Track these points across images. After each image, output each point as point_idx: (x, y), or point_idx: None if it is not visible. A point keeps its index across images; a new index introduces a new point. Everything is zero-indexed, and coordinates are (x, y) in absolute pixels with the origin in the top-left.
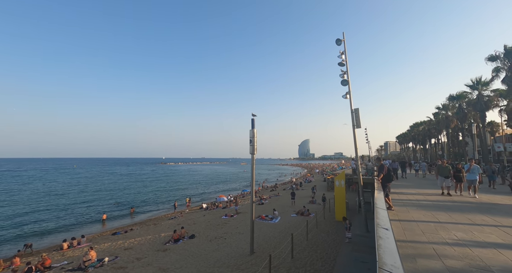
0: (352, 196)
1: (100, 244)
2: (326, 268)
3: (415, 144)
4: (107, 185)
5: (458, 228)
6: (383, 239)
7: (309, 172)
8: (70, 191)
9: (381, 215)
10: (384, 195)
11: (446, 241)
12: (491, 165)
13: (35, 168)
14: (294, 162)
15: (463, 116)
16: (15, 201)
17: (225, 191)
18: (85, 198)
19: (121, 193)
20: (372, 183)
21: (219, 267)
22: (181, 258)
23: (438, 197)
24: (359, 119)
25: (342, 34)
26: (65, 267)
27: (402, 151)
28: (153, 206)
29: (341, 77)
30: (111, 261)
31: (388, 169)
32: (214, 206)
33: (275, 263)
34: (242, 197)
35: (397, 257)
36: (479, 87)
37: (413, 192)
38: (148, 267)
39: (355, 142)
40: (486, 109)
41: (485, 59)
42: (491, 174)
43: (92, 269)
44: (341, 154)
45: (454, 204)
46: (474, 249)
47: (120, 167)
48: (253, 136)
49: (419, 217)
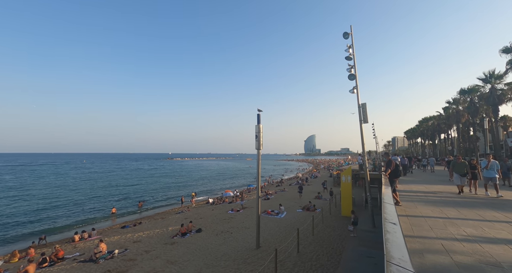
0: (358, 191)
1: (110, 237)
2: (332, 262)
3: (424, 140)
4: (117, 179)
5: (468, 224)
6: (391, 233)
7: (315, 168)
8: (81, 186)
9: (389, 210)
10: (391, 191)
11: (455, 236)
12: (505, 161)
13: (46, 163)
14: (300, 158)
15: (475, 110)
16: (30, 195)
17: (231, 186)
18: (95, 192)
19: (130, 188)
20: (379, 178)
21: (225, 260)
22: (188, 251)
23: (447, 193)
24: (366, 114)
25: (350, 27)
26: (77, 258)
27: (410, 147)
28: (161, 201)
29: (348, 72)
30: (121, 253)
31: (396, 165)
32: (221, 201)
33: (281, 257)
34: (248, 192)
35: (405, 251)
36: (492, 80)
37: (421, 187)
38: (157, 260)
39: (362, 137)
40: (499, 103)
41: (499, 51)
42: (506, 170)
43: (103, 260)
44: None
45: (463, 200)
46: (484, 245)
47: (129, 162)
48: (259, 131)
49: (427, 213)
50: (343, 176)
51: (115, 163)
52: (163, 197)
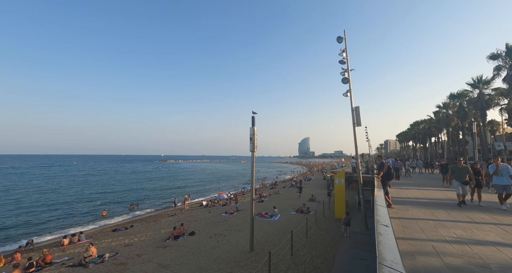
0: (351, 194)
1: (100, 240)
2: (325, 265)
3: (415, 143)
4: (108, 182)
5: (457, 226)
6: (383, 235)
7: (309, 170)
8: (72, 188)
9: (381, 212)
10: (384, 193)
11: (445, 238)
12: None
13: (36, 166)
14: (294, 160)
15: (464, 114)
16: (17, 198)
17: (225, 188)
18: (86, 195)
19: (121, 190)
20: (371, 181)
21: (219, 263)
22: (181, 254)
23: (438, 195)
24: (359, 117)
25: (344, 32)
26: (65, 263)
27: (402, 150)
28: (153, 203)
29: (341, 75)
30: (111, 257)
31: (388, 167)
32: (214, 204)
33: (275, 260)
34: (242, 194)
35: (397, 253)
36: (480, 85)
37: (413, 190)
38: (149, 264)
39: (355, 140)
40: (486, 107)
41: (486, 58)
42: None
43: (92, 265)
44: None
45: (453, 202)
46: (473, 247)
47: (121, 164)
48: (253, 133)
49: (419, 215)
50: (337, 178)
51: (107, 165)
52: (156, 199)
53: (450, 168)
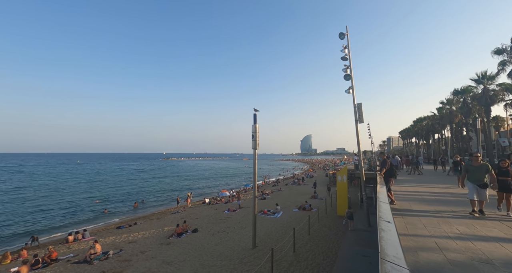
0: (354, 191)
1: (104, 237)
2: (327, 261)
3: (418, 139)
4: (112, 180)
5: (460, 222)
6: (385, 231)
7: (311, 168)
8: (76, 186)
9: (384, 209)
10: (386, 190)
11: (448, 235)
12: None
13: (40, 164)
14: (296, 158)
15: (468, 110)
16: (23, 196)
17: (227, 185)
18: (90, 193)
19: (125, 188)
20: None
21: (222, 260)
22: (184, 251)
23: (441, 191)
24: (361, 114)
25: (346, 28)
26: (71, 260)
27: (405, 146)
28: (156, 201)
29: (344, 72)
30: (116, 254)
31: (391, 164)
32: (217, 201)
33: (277, 257)
34: (245, 192)
35: (399, 249)
36: (484, 81)
37: (415, 186)
38: (152, 260)
39: (358, 137)
40: (491, 103)
41: (491, 52)
42: None
43: (97, 261)
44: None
45: (456, 198)
46: (476, 243)
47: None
48: (255, 131)
49: (422, 212)
50: (339, 175)
51: (110, 163)
52: (159, 197)
53: (464, 166)
